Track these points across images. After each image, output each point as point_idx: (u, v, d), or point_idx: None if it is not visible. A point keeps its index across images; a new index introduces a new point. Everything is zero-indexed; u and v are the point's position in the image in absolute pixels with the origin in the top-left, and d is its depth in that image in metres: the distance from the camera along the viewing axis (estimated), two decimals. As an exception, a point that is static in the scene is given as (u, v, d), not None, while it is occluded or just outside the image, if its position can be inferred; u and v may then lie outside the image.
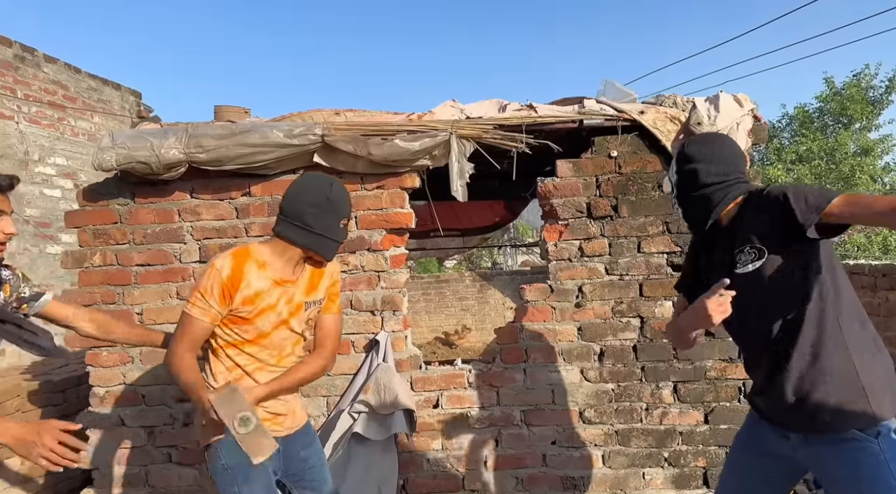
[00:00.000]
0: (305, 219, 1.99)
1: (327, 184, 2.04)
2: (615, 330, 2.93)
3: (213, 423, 1.86)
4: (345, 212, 2.07)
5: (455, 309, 10.98)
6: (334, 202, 2.02)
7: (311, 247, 2.02)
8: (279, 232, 2.02)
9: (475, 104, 3.13)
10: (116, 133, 2.88)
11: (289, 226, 2.00)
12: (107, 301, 3.00)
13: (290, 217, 2.00)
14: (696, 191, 1.77)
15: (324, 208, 2.00)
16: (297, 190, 2.02)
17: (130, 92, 6.44)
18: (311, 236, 2.00)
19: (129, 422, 3.00)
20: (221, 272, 1.92)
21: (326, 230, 2.02)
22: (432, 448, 2.97)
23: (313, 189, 2.02)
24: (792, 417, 1.64)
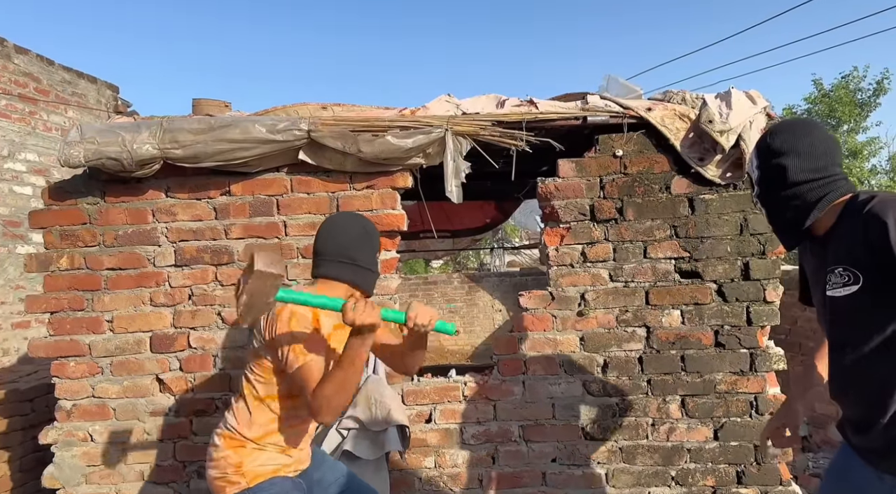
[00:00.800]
0: (352, 254, 1.97)
1: (358, 218, 2.06)
2: (620, 341, 2.76)
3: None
4: (379, 244, 2.09)
5: (443, 311, 10.79)
6: (371, 234, 2.03)
7: (358, 282, 1.99)
8: (327, 273, 1.96)
9: (472, 99, 2.95)
10: (85, 126, 2.66)
11: (336, 265, 1.96)
12: (75, 307, 2.78)
13: (336, 256, 1.96)
14: (784, 191, 1.52)
15: (365, 242, 2.00)
16: (335, 229, 2.00)
17: (107, 85, 6.18)
18: (360, 272, 1.98)
19: (98, 438, 2.79)
20: (304, 313, 1.83)
21: (371, 264, 2.02)
22: (425, 465, 2.79)
23: (351, 225, 2.01)
24: (887, 459, 1.45)
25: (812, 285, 1.65)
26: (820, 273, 1.53)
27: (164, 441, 2.78)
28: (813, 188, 1.49)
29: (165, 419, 2.78)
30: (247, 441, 1.92)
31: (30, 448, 3.31)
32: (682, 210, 2.73)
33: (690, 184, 2.73)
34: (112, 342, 2.78)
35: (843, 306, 1.44)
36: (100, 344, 2.78)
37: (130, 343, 2.78)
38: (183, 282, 2.78)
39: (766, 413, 2.67)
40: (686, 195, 2.73)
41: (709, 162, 2.68)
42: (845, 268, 1.42)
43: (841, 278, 1.43)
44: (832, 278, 1.46)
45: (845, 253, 1.43)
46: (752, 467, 2.67)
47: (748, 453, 2.67)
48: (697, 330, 2.72)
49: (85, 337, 2.78)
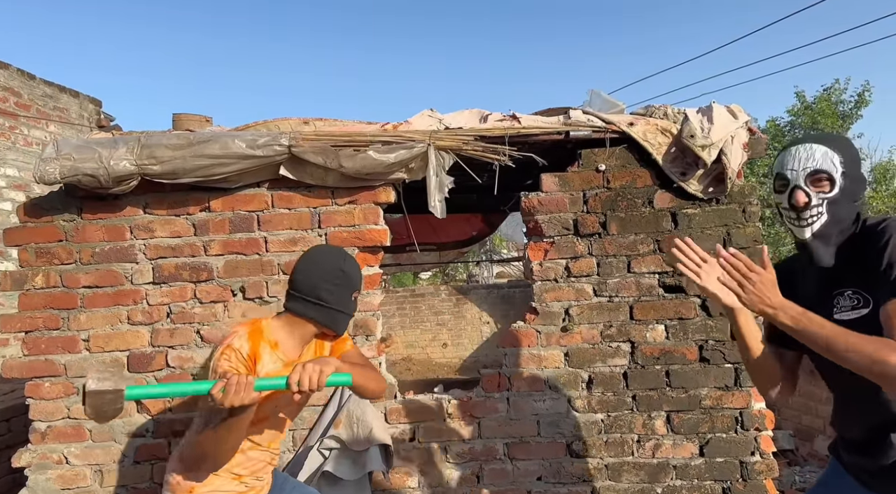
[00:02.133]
0: (321, 294, 1.93)
1: (341, 256, 2.02)
2: (604, 356, 2.74)
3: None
4: (358, 284, 2.04)
5: (431, 323, 10.74)
6: (349, 275, 1.99)
7: (327, 323, 1.97)
8: (294, 309, 1.95)
9: (454, 114, 2.93)
10: (61, 142, 2.62)
11: (302, 302, 1.94)
12: (50, 326, 2.72)
13: (304, 293, 1.94)
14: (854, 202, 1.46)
15: (339, 282, 1.96)
16: (310, 264, 1.97)
17: (90, 100, 6.12)
18: (327, 312, 1.96)
19: (73, 461, 2.72)
20: (241, 351, 1.82)
21: (341, 305, 1.98)
22: (408, 485, 2.74)
23: (327, 262, 1.97)
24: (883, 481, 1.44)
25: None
26: (823, 297, 1.49)
27: (142, 463, 2.72)
28: (860, 207, 1.48)
29: (142, 440, 2.72)
30: (196, 466, 1.86)
31: (5, 469, 3.23)
32: (665, 224, 2.73)
33: (673, 198, 2.73)
34: (88, 361, 2.72)
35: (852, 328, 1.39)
36: (76, 363, 2.72)
37: (107, 362, 2.72)
38: (161, 300, 2.73)
39: (751, 428, 2.65)
40: (669, 209, 2.73)
41: (691, 176, 2.68)
42: (855, 291, 1.40)
43: (850, 301, 1.41)
44: (841, 301, 1.43)
45: (856, 275, 1.40)
46: (738, 483, 2.64)
47: (734, 469, 2.65)
48: (682, 345, 2.71)
49: (60, 357, 2.72)
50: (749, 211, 2.69)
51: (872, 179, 17.66)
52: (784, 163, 1.49)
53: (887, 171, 17.44)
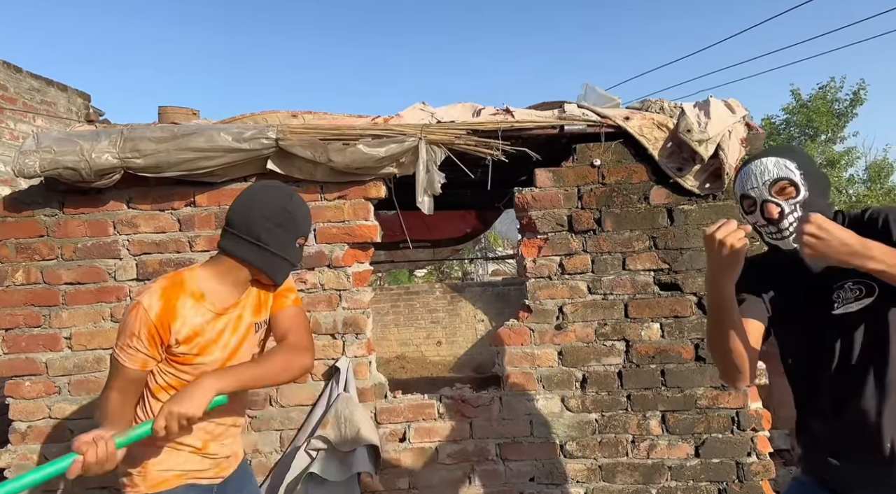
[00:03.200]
0: (259, 234, 1.72)
1: (287, 194, 1.79)
2: (598, 355, 2.69)
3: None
4: (305, 229, 1.83)
5: (425, 321, 10.68)
6: (294, 216, 1.77)
7: (263, 268, 1.75)
8: (226, 247, 1.74)
9: (447, 107, 2.87)
10: (42, 135, 2.55)
11: (238, 241, 1.73)
12: (31, 324, 2.65)
13: (241, 231, 1.72)
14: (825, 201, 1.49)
15: (281, 222, 1.74)
16: (250, 199, 1.75)
17: (78, 93, 6.03)
18: (265, 255, 1.74)
19: (55, 461, 2.65)
20: (149, 312, 1.62)
21: (283, 249, 1.76)
22: (398, 487, 2.68)
23: (270, 199, 1.75)
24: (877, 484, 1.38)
25: (792, 315, 1.54)
26: (818, 294, 1.46)
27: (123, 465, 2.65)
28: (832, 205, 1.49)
29: (126, 440, 2.65)
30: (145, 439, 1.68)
31: (-14, 470, 3.15)
32: (661, 221, 2.67)
33: (669, 194, 2.67)
34: (70, 360, 2.65)
35: (853, 321, 1.39)
36: (57, 362, 2.65)
37: (90, 361, 2.66)
38: (145, 297, 2.66)
39: (748, 428, 2.60)
40: (665, 205, 2.67)
41: (687, 172, 2.62)
42: (855, 281, 1.37)
43: (852, 292, 1.38)
44: (841, 294, 1.40)
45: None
46: (734, 484, 2.59)
47: (730, 470, 2.60)
48: (677, 344, 2.66)
49: (41, 355, 2.65)
50: (746, 207, 2.63)
51: (867, 178, 17.69)
52: (745, 185, 1.50)
53: (882, 170, 17.46)
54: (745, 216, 1.54)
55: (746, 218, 1.54)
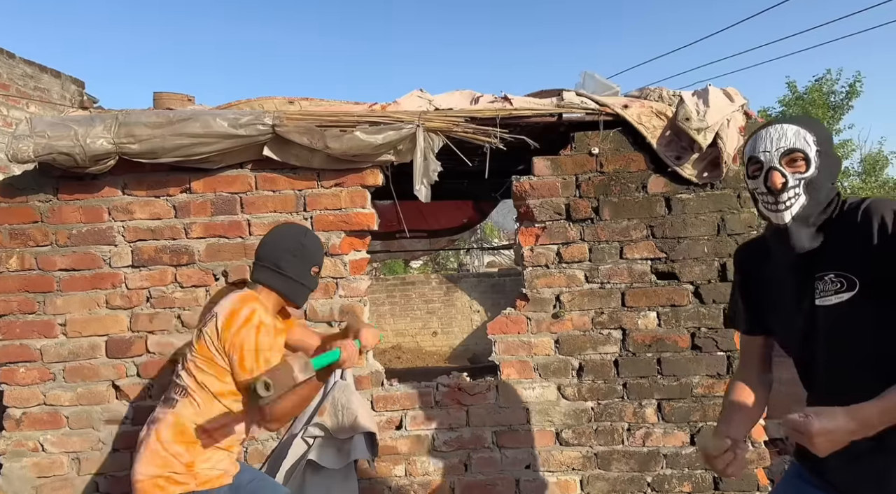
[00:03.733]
0: (280, 263, 2.07)
1: (302, 231, 2.18)
2: (595, 343, 2.69)
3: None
4: (317, 259, 2.18)
5: (421, 312, 10.70)
6: (308, 248, 2.13)
7: (286, 292, 2.10)
8: (258, 278, 2.09)
9: (445, 95, 2.86)
10: (35, 119, 2.52)
11: (265, 271, 2.08)
12: (25, 310, 2.64)
13: (266, 262, 2.08)
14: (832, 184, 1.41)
15: (297, 254, 2.09)
16: (271, 236, 2.14)
17: (72, 80, 5.97)
18: (287, 281, 2.08)
19: (50, 448, 2.64)
20: (270, 326, 1.97)
21: (300, 276, 2.11)
22: (395, 474, 2.69)
23: (288, 235, 2.13)
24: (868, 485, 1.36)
25: (777, 304, 1.54)
26: (802, 282, 1.44)
27: (121, 451, 2.64)
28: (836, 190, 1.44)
29: (122, 427, 2.65)
30: (200, 439, 1.90)
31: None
32: (658, 210, 2.67)
33: (667, 183, 2.67)
34: (65, 347, 2.64)
35: (834, 314, 1.36)
36: (52, 348, 2.63)
37: (85, 347, 2.64)
38: (140, 284, 2.64)
39: (743, 417, 2.61)
40: (663, 194, 2.67)
41: (686, 161, 2.62)
42: (837, 274, 1.34)
43: (833, 285, 1.35)
44: (821, 286, 1.37)
45: (837, 258, 1.35)
46: (729, 472, 2.60)
47: (725, 458, 2.61)
48: (674, 333, 2.66)
49: (36, 342, 2.63)
50: (744, 196, 2.64)
51: (862, 170, 17.73)
52: (756, 146, 1.44)
53: (877, 162, 17.50)
54: (747, 180, 1.49)
55: (748, 182, 1.49)
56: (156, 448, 1.88)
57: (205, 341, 1.94)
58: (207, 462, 1.90)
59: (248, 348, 1.87)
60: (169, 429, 1.90)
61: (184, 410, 1.91)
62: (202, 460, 1.89)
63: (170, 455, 1.86)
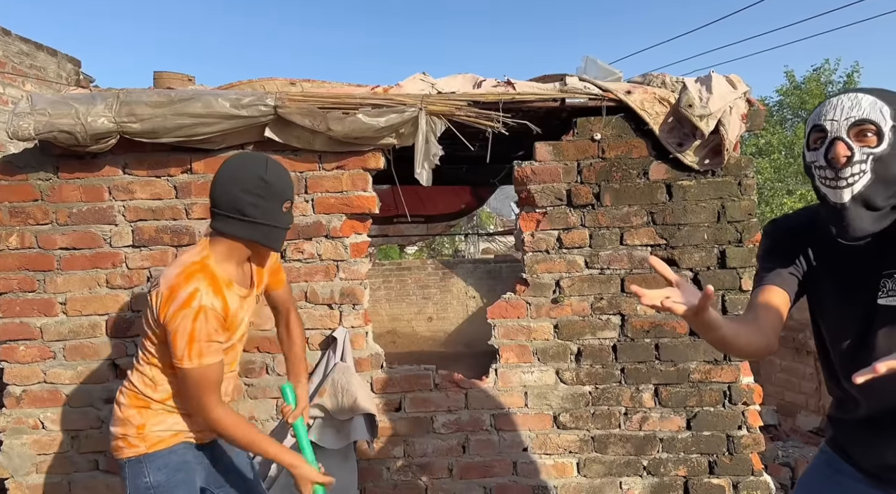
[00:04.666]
0: (244, 209, 1.75)
1: (261, 163, 1.79)
2: (594, 329, 2.71)
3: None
4: (287, 193, 1.84)
5: (416, 297, 10.69)
6: (272, 184, 1.78)
7: (259, 239, 1.80)
8: (220, 228, 1.78)
9: (447, 78, 2.85)
10: (36, 97, 2.50)
11: (226, 220, 1.77)
12: (25, 288, 2.63)
13: (228, 210, 1.76)
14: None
15: (261, 194, 1.76)
16: (226, 177, 1.77)
17: (68, 59, 5.91)
18: (255, 227, 1.78)
19: (49, 426, 2.66)
20: (216, 308, 1.72)
21: (271, 218, 1.80)
22: (393, 455, 2.71)
23: (245, 172, 1.76)
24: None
25: (839, 290, 1.39)
26: (867, 276, 1.32)
27: (121, 430, 2.65)
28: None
29: (122, 406, 2.66)
30: (151, 401, 1.82)
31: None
32: (659, 196, 2.68)
33: (669, 169, 2.67)
34: (65, 325, 2.64)
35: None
36: (52, 327, 2.64)
37: (85, 326, 2.65)
38: (141, 264, 2.64)
39: (739, 402, 2.64)
40: (664, 181, 2.68)
41: (688, 147, 2.62)
42: None
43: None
44: (889, 284, 1.26)
45: None
46: (724, 457, 2.64)
47: (721, 443, 2.65)
48: (672, 319, 2.68)
49: (36, 320, 2.64)
50: (745, 184, 2.65)
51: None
52: (823, 114, 1.27)
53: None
54: (807, 151, 1.33)
55: (807, 154, 1.33)
56: (116, 409, 1.85)
57: (148, 307, 1.77)
58: (160, 425, 1.82)
59: (182, 335, 1.66)
60: (125, 394, 1.85)
61: (135, 375, 1.84)
62: (154, 423, 1.81)
63: (125, 417, 1.81)
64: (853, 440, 1.43)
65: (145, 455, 1.80)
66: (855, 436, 1.43)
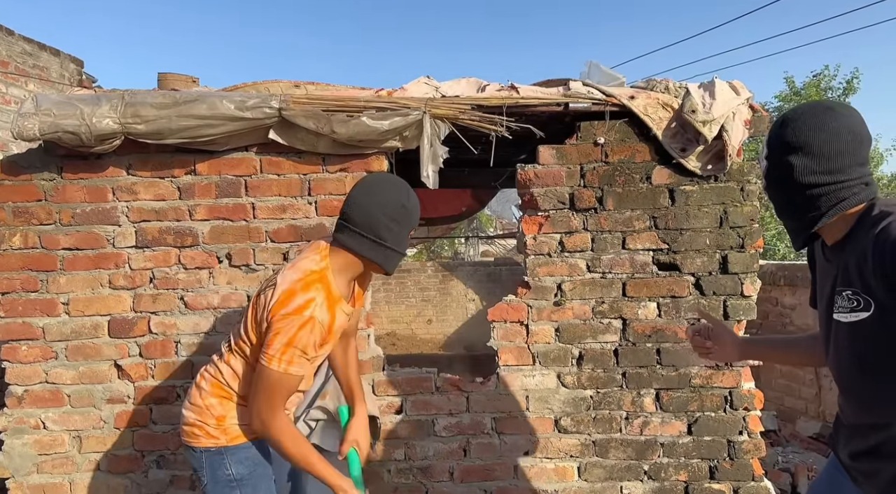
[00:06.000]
0: (380, 232, 1.79)
1: (405, 190, 1.84)
2: (595, 332, 2.71)
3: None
4: (416, 221, 1.91)
5: (416, 299, 10.72)
6: (410, 212, 1.84)
7: (380, 261, 1.84)
8: (348, 244, 1.81)
9: (451, 82, 2.85)
10: (41, 97, 2.51)
11: (358, 238, 1.80)
12: (28, 288, 2.64)
13: (363, 229, 1.79)
14: (791, 192, 1.33)
15: (399, 220, 1.81)
16: (368, 197, 1.80)
17: (71, 59, 5.92)
18: (382, 250, 1.82)
19: (51, 426, 2.66)
20: (324, 325, 1.76)
21: (398, 244, 1.85)
22: (394, 457, 2.71)
23: (390, 197, 1.81)
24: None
25: (819, 292, 1.48)
26: (828, 285, 1.39)
27: (122, 430, 2.66)
28: (823, 192, 1.29)
29: (123, 406, 2.66)
30: (234, 393, 1.88)
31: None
32: (662, 201, 2.69)
33: (671, 174, 2.68)
34: (68, 325, 2.64)
35: (849, 330, 1.31)
36: (54, 327, 2.64)
37: (87, 327, 2.65)
38: (144, 265, 2.65)
39: (740, 407, 2.65)
40: (667, 186, 2.69)
41: (690, 153, 2.63)
42: (854, 292, 1.27)
43: (850, 302, 1.28)
44: (839, 301, 1.32)
45: (855, 274, 1.27)
46: (725, 462, 2.65)
47: (721, 448, 2.65)
48: (674, 323, 2.69)
49: (39, 320, 2.64)
50: (747, 189, 2.65)
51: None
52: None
53: (871, 160, 17.55)
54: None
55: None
56: (194, 394, 1.90)
57: (257, 305, 1.83)
58: (240, 419, 1.88)
59: (282, 337, 1.69)
60: (208, 381, 1.90)
61: (223, 365, 1.89)
62: (233, 416, 1.87)
63: (204, 405, 1.87)
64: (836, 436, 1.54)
65: (226, 448, 1.86)
66: (836, 431, 1.54)
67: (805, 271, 4.77)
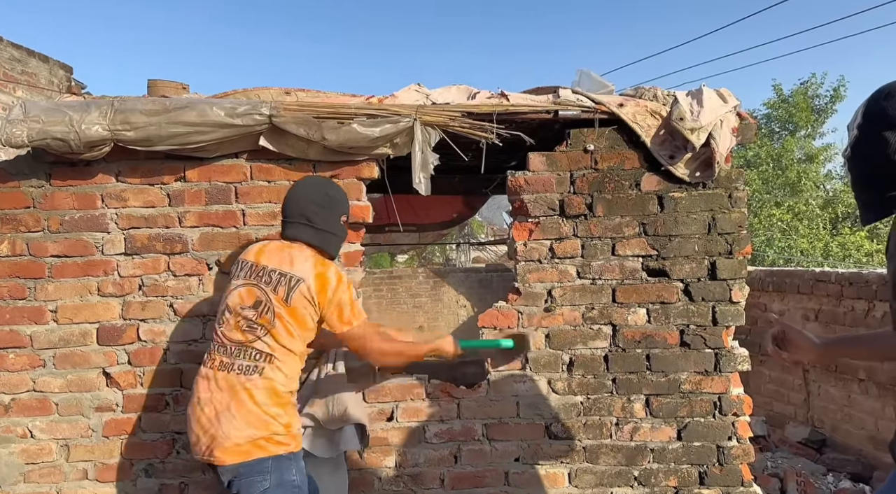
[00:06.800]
0: (311, 217, 2.15)
1: (325, 182, 2.32)
2: (585, 339, 2.72)
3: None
4: (345, 208, 2.29)
5: (407, 305, 10.69)
6: (335, 197, 2.24)
7: (320, 244, 2.17)
8: (291, 234, 2.17)
9: (442, 89, 2.87)
10: (30, 103, 2.50)
11: (297, 226, 2.16)
12: (15, 296, 2.62)
13: (295, 217, 2.16)
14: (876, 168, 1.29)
15: (326, 204, 2.18)
16: (297, 192, 2.22)
17: (60, 65, 5.90)
18: (319, 234, 2.16)
19: (38, 435, 2.63)
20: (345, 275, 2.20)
21: (331, 226, 2.20)
22: (385, 465, 2.70)
23: (312, 187, 2.24)
24: None
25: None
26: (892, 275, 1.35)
27: (110, 439, 2.64)
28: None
29: (112, 415, 2.64)
30: (291, 395, 2.07)
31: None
32: (651, 207, 2.71)
33: (660, 181, 2.70)
34: (56, 333, 2.62)
35: None
36: (42, 335, 2.62)
37: (76, 334, 2.63)
38: (133, 272, 2.64)
39: (729, 413, 2.66)
40: (656, 192, 2.71)
41: (679, 160, 2.65)
42: None
43: None
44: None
45: None
46: (714, 468, 2.66)
47: (711, 453, 2.66)
48: (663, 330, 2.70)
49: (26, 328, 2.62)
50: (735, 196, 2.68)
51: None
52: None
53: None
54: None
55: None
56: (253, 409, 1.96)
57: (298, 305, 2.05)
58: (298, 424, 2.12)
59: (346, 303, 2.10)
60: (263, 393, 1.99)
61: (273, 374, 2.02)
62: (296, 421, 2.09)
63: (269, 416, 1.97)
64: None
65: (293, 454, 2.01)
66: None
67: (793, 277, 4.82)
